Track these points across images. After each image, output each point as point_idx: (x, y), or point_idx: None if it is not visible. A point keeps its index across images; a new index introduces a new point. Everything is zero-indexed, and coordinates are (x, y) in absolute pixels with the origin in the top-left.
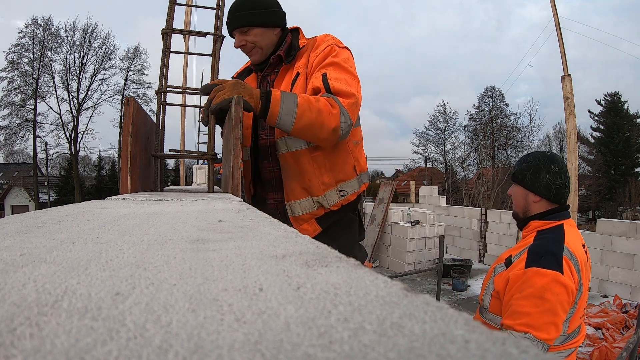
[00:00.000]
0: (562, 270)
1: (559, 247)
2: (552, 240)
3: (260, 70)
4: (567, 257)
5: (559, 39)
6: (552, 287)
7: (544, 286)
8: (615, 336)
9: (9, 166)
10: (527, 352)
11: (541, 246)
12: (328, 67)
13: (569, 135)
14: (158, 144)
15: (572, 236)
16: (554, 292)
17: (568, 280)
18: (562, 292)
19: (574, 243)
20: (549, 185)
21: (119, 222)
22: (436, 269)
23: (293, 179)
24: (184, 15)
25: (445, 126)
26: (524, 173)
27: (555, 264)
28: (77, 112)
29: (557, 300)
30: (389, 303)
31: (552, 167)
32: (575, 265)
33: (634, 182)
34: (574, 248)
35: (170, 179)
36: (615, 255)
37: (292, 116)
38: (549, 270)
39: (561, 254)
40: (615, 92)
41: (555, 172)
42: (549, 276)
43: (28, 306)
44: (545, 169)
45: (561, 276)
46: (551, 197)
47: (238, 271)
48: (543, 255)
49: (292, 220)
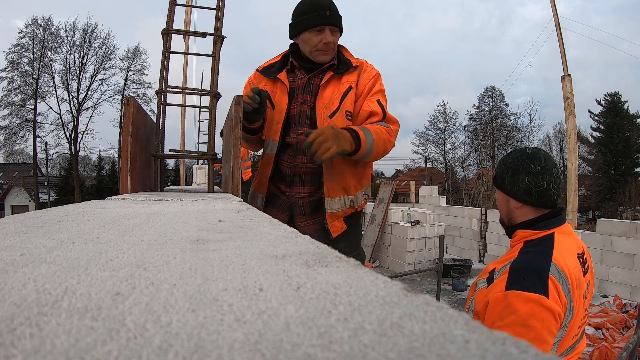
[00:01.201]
0: (548, 293)
1: (545, 264)
2: (538, 256)
3: (307, 71)
4: (553, 276)
5: (559, 39)
6: (536, 312)
7: (527, 312)
8: (615, 336)
9: (9, 166)
10: (527, 352)
11: (524, 263)
12: (379, 94)
13: (569, 135)
14: (158, 144)
15: (564, 248)
16: (539, 319)
17: (554, 304)
18: (548, 317)
19: (566, 256)
20: (529, 188)
21: (119, 222)
22: (436, 269)
23: (335, 178)
24: (184, 15)
25: (445, 126)
26: (503, 176)
27: (539, 285)
28: (77, 112)
29: (544, 326)
30: (389, 303)
31: (531, 167)
32: (564, 284)
33: (634, 182)
34: (565, 263)
35: (170, 179)
36: (615, 255)
37: (370, 151)
38: (532, 294)
39: (547, 273)
40: (615, 92)
41: (536, 173)
42: (532, 301)
43: (28, 306)
44: (525, 170)
45: (546, 300)
46: (534, 202)
47: (238, 271)
48: (526, 275)
49: (328, 216)
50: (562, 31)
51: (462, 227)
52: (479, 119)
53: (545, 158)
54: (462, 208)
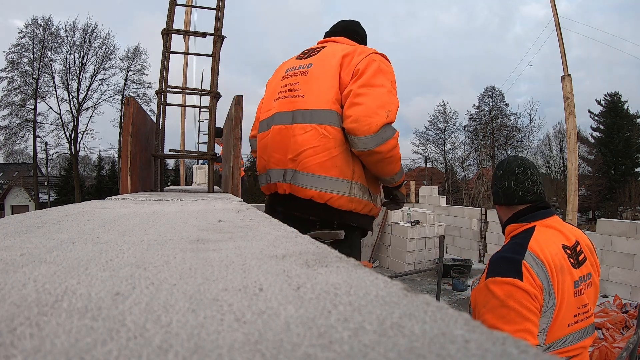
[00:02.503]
0: (522, 277)
1: (520, 252)
2: (514, 246)
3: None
4: (527, 262)
5: (559, 39)
6: (512, 293)
7: (505, 294)
8: (615, 336)
9: (9, 166)
10: (527, 352)
11: (501, 253)
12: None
13: (569, 135)
14: (158, 144)
15: (544, 238)
16: (515, 299)
17: (528, 285)
18: (525, 296)
19: (543, 245)
20: (496, 191)
21: (119, 222)
22: (436, 269)
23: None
24: (184, 15)
25: (445, 126)
26: (493, 190)
27: (513, 271)
28: (77, 112)
29: (522, 305)
30: (389, 303)
31: (496, 173)
32: (539, 270)
33: (634, 182)
34: (541, 251)
35: (170, 179)
36: (615, 255)
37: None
38: (506, 278)
39: (520, 259)
40: (615, 92)
41: (498, 176)
42: (507, 284)
43: (28, 306)
44: (493, 178)
45: (520, 282)
46: (501, 200)
47: (238, 271)
48: (501, 263)
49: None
50: (564, 31)
51: (462, 227)
52: (479, 119)
53: (509, 162)
54: (462, 208)
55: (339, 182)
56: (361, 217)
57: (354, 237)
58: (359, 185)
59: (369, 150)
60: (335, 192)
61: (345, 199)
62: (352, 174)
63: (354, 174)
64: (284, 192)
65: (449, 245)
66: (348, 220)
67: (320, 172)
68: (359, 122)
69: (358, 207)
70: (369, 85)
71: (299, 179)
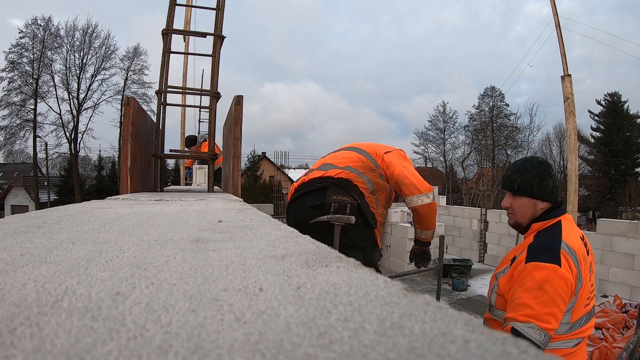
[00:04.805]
0: (560, 263)
1: (557, 242)
2: (550, 237)
3: None
4: (564, 251)
5: (559, 39)
6: (550, 279)
7: (543, 278)
8: (615, 336)
9: (9, 166)
10: (527, 352)
11: (540, 243)
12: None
13: (569, 135)
14: (158, 144)
15: (570, 230)
16: (552, 284)
17: (566, 272)
18: (561, 283)
19: (572, 237)
20: (554, 189)
21: (119, 222)
22: (436, 269)
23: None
24: (184, 15)
25: (445, 126)
26: (531, 184)
27: (554, 257)
28: (77, 112)
29: (556, 291)
30: (389, 303)
31: (551, 172)
32: (573, 258)
33: (634, 182)
34: (572, 242)
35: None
36: (615, 255)
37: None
38: (547, 264)
39: (559, 248)
40: (615, 92)
41: (555, 176)
42: (547, 269)
43: (28, 306)
44: (549, 176)
45: (559, 269)
46: (556, 199)
47: (238, 271)
48: (541, 250)
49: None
50: (565, 31)
51: (462, 227)
52: (479, 118)
53: (544, 161)
54: (462, 208)
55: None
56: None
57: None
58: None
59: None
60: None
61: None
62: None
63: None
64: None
65: (449, 245)
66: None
67: None
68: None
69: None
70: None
71: None
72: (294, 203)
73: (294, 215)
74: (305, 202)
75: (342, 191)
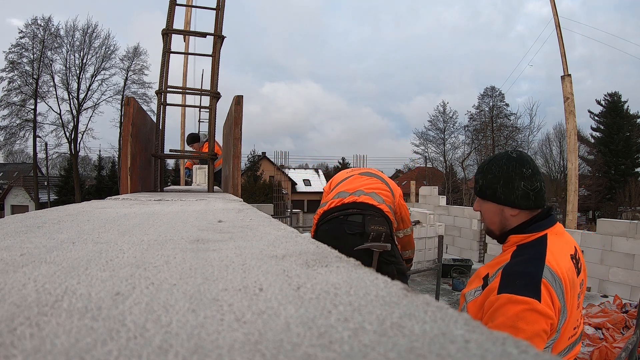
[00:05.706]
0: (540, 297)
1: (538, 267)
2: (531, 260)
3: None
4: (547, 280)
5: (559, 39)
6: (526, 316)
7: (517, 315)
8: (615, 336)
9: (9, 166)
10: (527, 352)
11: (517, 267)
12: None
13: (569, 135)
14: (158, 144)
15: (558, 250)
16: (528, 321)
17: (546, 308)
18: (539, 320)
19: (559, 259)
20: (526, 193)
21: (119, 222)
22: (436, 269)
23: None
24: (184, 16)
25: (445, 126)
26: (494, 187)
27: (532, 289)
28: (77, 112)
29: (533, 330)
30: (389, 303)
31: (524, 171)
32: (558, 288)
33: (634, 182)
34: (558, 265)
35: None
36: (615, 255)
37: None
38: (524, 297)
39: (539, 277)
40: (615, 92)
41: (529, 176)
42: (523, 304)
43: (28, 306)
44: (518, 176)
45: (538, 304)
46: (531, 204)
47: (238, 271)
48: (518, 278)
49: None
50: (565, 30)
51: (462, 227)
52: (479, 119)
53: (531, 159)
54: (462, 208)
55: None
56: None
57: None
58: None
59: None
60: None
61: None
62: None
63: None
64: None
65: (449, 245)
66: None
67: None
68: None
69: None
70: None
71: None
72: (327, 225)
73: (330, 238)
74: (344, 229)
75: (378, 221)
